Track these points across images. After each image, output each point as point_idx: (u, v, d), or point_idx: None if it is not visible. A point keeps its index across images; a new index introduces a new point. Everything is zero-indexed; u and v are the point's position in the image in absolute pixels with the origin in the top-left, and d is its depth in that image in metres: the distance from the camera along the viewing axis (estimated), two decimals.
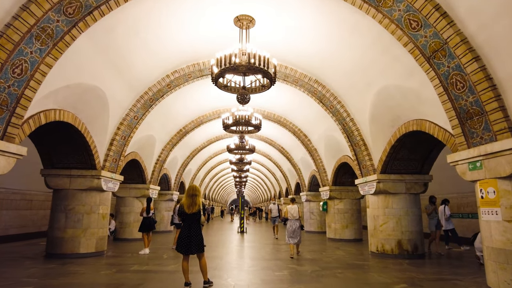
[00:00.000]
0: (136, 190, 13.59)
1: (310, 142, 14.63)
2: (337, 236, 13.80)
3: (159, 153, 14.18)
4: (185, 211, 5.56)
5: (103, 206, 9.31)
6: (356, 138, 10.02)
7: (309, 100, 11.41)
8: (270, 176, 30.05)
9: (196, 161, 21.34)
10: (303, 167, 18.29)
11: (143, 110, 10.17)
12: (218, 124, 15.99)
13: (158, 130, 12.83)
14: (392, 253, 9.06)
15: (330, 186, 14.04)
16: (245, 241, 13.59)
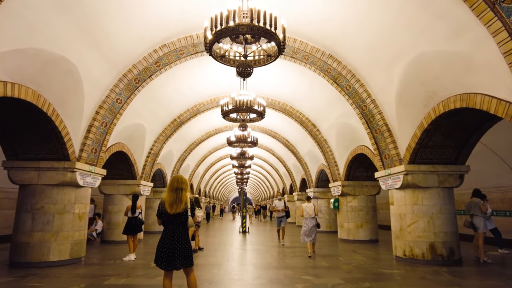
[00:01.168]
0: (125, 187, 12.15)
1: (319, 132, 13.14)
2: (351, 237, 12.34)
3: (151, 146, 12.72)
4: (167, 210, 4.09)
5: (79, 204, 7.87)
6: (378, 123, 8.52)
7: (320, 82, 9.93)
8: (273, 172, 28.58)
9: (194, 156, 19.90)
10: (310, 161, 16.81)
11: (128, 92, 8.70)
12: (217, 114, 14.53)
13: (148, 118, 11.36)
14: (423, 259, 7.59)
15: (342, 181, 12.57)
16: (247, 243, 12.15)
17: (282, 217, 11.78)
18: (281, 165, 23.06)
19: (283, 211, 11.62)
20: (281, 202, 11.94)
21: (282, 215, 11.75)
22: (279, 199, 12.07)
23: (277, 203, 11.91)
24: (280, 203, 11.85)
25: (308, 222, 8.99)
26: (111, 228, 11.95)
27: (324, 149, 13.41)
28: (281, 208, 11.68)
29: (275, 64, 10.16)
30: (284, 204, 11.89)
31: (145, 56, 8.28)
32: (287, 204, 12.07)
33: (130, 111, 9.79)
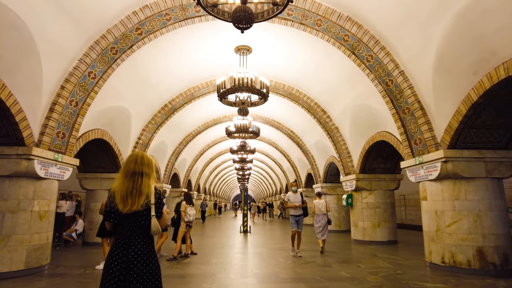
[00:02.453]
0: (109, 181, 10.63)
1: (329, 119, 11.58)
2: (366, 238, 10.80)
3: (139, 134, 11.20)
4: (117, 207, 2.56)
5: (41, 200, 6.36)
6: (407, 100, 6.96)
7: (334, 56, 8.42)
8: (275, 168, 27.05)
9: (191, 150, 18.40)
10: (318, 154, 15.27)
11: (103, 65, 7.17)
12: (214, 101, 13.01)
13: (134, 101, 9.83)
14: (469, 267, 6.05)
15: (357, 174, 11.02)
16: (249, 245, 10.63)
17: (299, 216, 8.32)
18: (284, 159, 21.53)
19: (300, 208, 8.31)
20: (297, 195, 8.46)
21: (299, 213, 8.31)
22: (294, 191, 8.61)
23: (292, 196, 8.44)
24: (296, 197, 8.41)
25: (320, 218, 9.00)
26: (94, 228, 10.40)
27: (335, 138, 11.85)
28: (297, 203, 8.29)
29: (280, 37, 8.65)
30: (301, 197, 8.42)
31: (122, 19, 6.76)
32: (305, 199, 8.68)
33: (109, 90, 8.28)
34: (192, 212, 7.88)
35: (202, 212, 23.52)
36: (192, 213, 7.86)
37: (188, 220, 7.81)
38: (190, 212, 7.82)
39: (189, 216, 7.81)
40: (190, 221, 7.85)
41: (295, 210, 8.32)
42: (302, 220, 8.36)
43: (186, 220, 7.81)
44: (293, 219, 8.36)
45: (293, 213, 8.38)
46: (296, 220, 8.32)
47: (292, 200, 8.37)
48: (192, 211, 7.88)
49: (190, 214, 7.81)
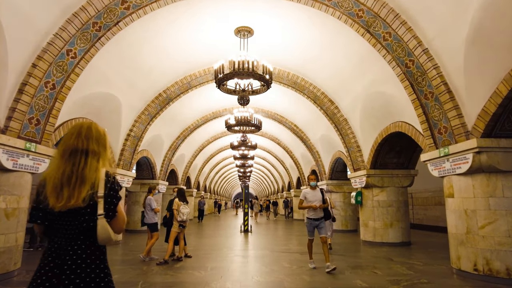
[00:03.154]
0: None
1: (338, 110, 10.68)
2: (378, 239, 9.91)
3: (130, 126, 10.32)
4: (48, 202, 1.67)
5: (8, 196, 5.50)
6: (431, 83, 6.04)
7: (344, 37, 7.58)
8: (278, 165, 26.17)
9: (190, 145, 17.53)
10: (323, 149, 14.37)
11: (84, 42, 6.29)
12: (213, 92, 12.17)
13: (124, 89, 8.96)
14: (509, 277, 5.16)
15: (368, 170, 10.11)
16: (249, 246, 9.76)
17: (319, 220, 6.22)
18: (287, 156, 20.64)
19: (321, 208, 6.22)
20: (317, 192, 6.36)
21: (319, 217, 6.21)
22: (313, 186, 6.41)
23: (310, 193, 6.31)
24: (314, 194, 6.30)
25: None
26: None
27: (344, 131, 10.95)
28: (317, 202, 6.19)
29: (284, 17, 7.74)
30: (322, 195, 6.34)
31: None
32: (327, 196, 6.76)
33: (95, 74, 7.43)
34: (186, 210, 7.01)
35: (199, 211, 21.99)
36: (186, 212, 6.99)
37: (182, 219, 6.94)
38: (184, 211, 6.95)
39: (183, 215, 6.94)
40: (183, 220, 6.98)
41: (314, 212, 6.21)
42: (323, 224, 6.24)
43: (179, 220, 6.94)
44: (310, 224, 6.27)
45: (311, 216, 6.23)
46: (315, 225, 6.24)
47: (310, 199, 6.22)
48: (185, 209, 7.01)
49: (183, 213, 6.94)
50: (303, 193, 6.41)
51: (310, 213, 6.30)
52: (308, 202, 6.25)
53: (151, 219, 7.33)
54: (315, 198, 6.29)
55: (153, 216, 7.35)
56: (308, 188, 6.49)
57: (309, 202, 6.24)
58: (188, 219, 7.12)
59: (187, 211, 6.98)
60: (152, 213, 7.35)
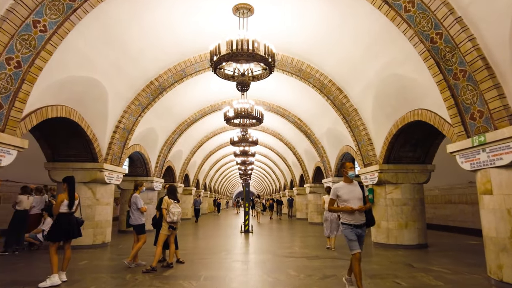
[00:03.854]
0: (83, 172, 8.89)
1: (347, 99, 9.74)
2: (391, 241, 8.98)
3: (119, 117, 9.41)
4: None
5: None
6: (465, 58, 5.09)
7: (356, 13, 6.65)
8: (280, 162, 25.26)
9: (187, 140, 16.63)
10: (330, 144, 13.44)
11: (56, 14, 5.36)
12: (211, 81, 11.31)
13: (110, 74, 8.03)
14: None
15: (380, 165, 9.18)
16: (250, 249, 8.86)
17: (361, 228, 4.35)
18: (289, 152, 19.71)
19: (361, 210, 4.30)
20: (355, 186, 4.46)
21: (361, 222, 4.32)
22: (350, 178, 4.48)
23: (346, 188, 4.41)
24: (352, 190, 4.40)
25: (330, 215, 8.49)
26: None
27: (353, 123, 10.01)
28: (356, 200, 4.32)
29: None
30: (362, 191, 4.48)
31: None
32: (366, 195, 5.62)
33: (74, 55, 6.54)
34: (177, 210, 6.10)
35: (195, 211, 20.38)
36: (177, 212, 6.08)
37: (172, 220, 6.03)
38: (174, 210, 6.05)
39: (173, 215, 6.03)
40: (174, 221, 6.07)
41: (352, 216, 4.25)
42: (364, 233, 4.39)
43: (168, 221, 6.04)
44: (351, 231, 4.23)
45: (351, 221, 4.25)
46: (359, 234, 4.27)
47: (345, 197, 4.30)
48: (176, 209, 6.10)
49: (173, 213, 6.03)
50: (334, 189, 4.41)
51: (348, 218, 4.27)
52: (343, 202, 4.29)
53: (137, 219, 6.42)
54: (353, 195, 4.28)
55: (139, 217, 6.44)
56: (341, 182, 4.49)
57: (345, 202, 4.27)
58: (180, 220, 6.20)
59: (178, 211, 6.07)
60: (138, 213, 6.44)
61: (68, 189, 5.38)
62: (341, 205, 4.36)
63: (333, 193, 4.44)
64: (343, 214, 4.35)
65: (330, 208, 4.50)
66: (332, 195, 4.45)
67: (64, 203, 5.25)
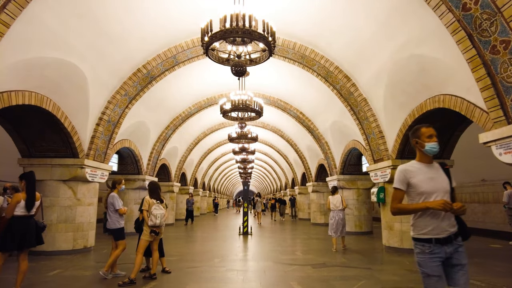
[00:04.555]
0: (62, 169, 7.99)
1: (355, 88, 8.79)
2: (406, 245, 8.04)
3: (103, 108, 8.49)
4: None
5: None
6: (510, 21, 4.17)
7: None
8: (281, 160, 24.34)
9: (183, 136, 15.72)
10: (335, 139, 12.51)
11: None
12: (207, 71, 10.43)
13: (90, 58, 7.11)
14: None
15: (394, 160, 8.25)
16: (249, 255, 7.94)
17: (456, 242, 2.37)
18: (291, 150, 18.78)
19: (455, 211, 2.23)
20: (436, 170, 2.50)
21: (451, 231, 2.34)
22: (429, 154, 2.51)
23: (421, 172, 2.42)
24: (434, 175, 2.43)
25: (335, 215, 8.39)
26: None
27: (362, 114, 9.08)
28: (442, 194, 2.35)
29: None
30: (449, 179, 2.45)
31: None
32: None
33: (42, 32, 5.62)
34: (159, 212, 5.18)
35: (187, 212, 17.97)
36: (159, 214, 5.16)
37: (153, 223, 5.11)
38: (156, 212, 5.13)
39: (155, 217, 5.12)
40: (156, 225, 5.15)
41: (435, 221, 2.32)
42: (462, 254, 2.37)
43: (150, 224, 5.12)
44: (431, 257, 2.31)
45: (431, 231, 2.33)
46: (447, 256, 2.33)
47: (423, 187, 2.37)
48: (159, 211, 5.18)
49: (155, 215, 5.12)
50: (402, 172, 2.47)
51: (425, 225, 2.36)
52: (419, 196, 2.39)
53: (115, 223, 5.50)
54: (436, 185, 2.40)
55: (117, 220, 5.52)
56: (413, 161, 2.56)
57: (421, 196, 2.38)
58: (164, 224, 5.28)
59: (160, 213, 5.15)
60: (116, 216, 5.52)
61: (26, 187, 4.47)
62: (414, 201, 2.41)
63: (400, 179, 2.44)
64: (416, 220, 2.40)
65: (395, 208, 2.43)
66: (399, 182, 2.44)
67: (20, 204, 4.34)
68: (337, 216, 8.25)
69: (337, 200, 8.43)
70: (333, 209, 8.40)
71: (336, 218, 8.24)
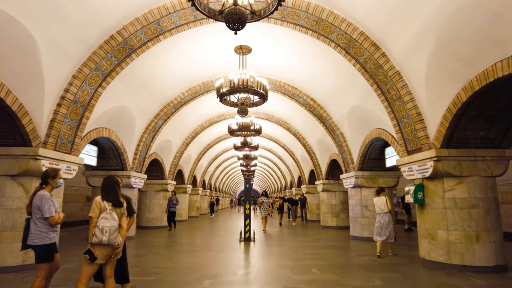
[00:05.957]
0: (9, 161, 6.21)
1: (386, 58, 6.94)
2: (456, 260, 6.19)
3: (65, 84, 6.67)
4: None
5: None
6: None
7: None
8: (287, 157, 22.51)
9: (177, 128, 13.95)
10: (352, 129, 10.65)
11: None
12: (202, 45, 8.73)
13: (33, 10, 5.30)
14: None
15: (438, 150, 6.38)
16: (249, 276, 6.11)
17: None
18: (298, 145, 16.95)
19: None
20: None
21: None
22: None
23: None
24: None
25: (381, 218, 7.72)
26: None
27: (393, 93, 7.21)
28: None
29: None
30: None
31: None
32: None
33: None
34: (108, 224, 3.34)
35: (169, 214, 14.01)
36: (108, 227, 3.32)
37: (99, 241, 3.29)
38: (104, 224, 3.31)
39: (100, 232, 3.30)
40: (102, 243, 3.32)
41: None
42: None
43: (94, 241, 3.31)
44: None
45: None
46: None
47: None
48: (108, 222, 3.34)
49: (102, 228, 3.29)
50: None
51: None
52: None
53: (42, 236, 3.66)
54: None
55: (45, 231, 3.68)
56: None
57: None
58: (116, 242, 3.41)
59: (110, 226, 3.31)
60: (45, 225, 3.68)
61: None
62: None
63: None
64: None
65: None
66: None
67: None
68: (383, 220, 7.65)
69: (382, 202, 7.75)
70: (378, 212, 7.78)
71: (381, 222, 7.66)
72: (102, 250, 3.34)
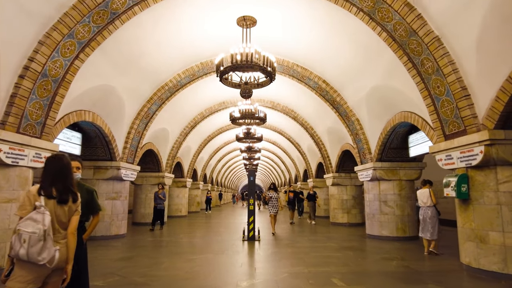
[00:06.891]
0: None
1: (421, 22, 5.65)
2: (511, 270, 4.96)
3: (30, 51, 5.44)
4: None
5: None
6: None
7: None
8: (292, 150, 21.20)
9: (174, 116, 12.74)
10: (370, 114, 9.39)
11: None
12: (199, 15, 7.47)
13: None
14: None
15: (490, 132, 5.11)
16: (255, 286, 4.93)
17: None
18: (305, 135, 15.66)
19: None
20: None
21: None
22: None
23: None
24: None
25: (423, 212, 7.10)
26: None
27: (428, 65, 5.94)
28: None
29: None
30: None
31: None
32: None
33: None
34: (28, 230, 2.10)
35: (156, 212, 11.86)
36: (28, 234, 2.09)
37: (15, 254, 2.07)
38: (24, 229, 2.08)
39: (18, 241, 2.07)
40: (19, 257, 2.10)
41: None
42: None
43: (11, 254, 2.10)
44: None
45: None
46: None
47: None
48: (30, 227, 2.11)
49: (21, 235, 2.07)
50: None
51: None
52: None
53: None
54: None
55: None
56: None
57: None
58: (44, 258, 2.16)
59: (29, 233, 2.08)
60: None
61: None
62: None
63: None
64: None
65: None
66: None
67: None
68: (425, 214, 7.05)
69: (425, 194, 7.14)
70: (421, 205, 7.18)
71: (424, 216, 7.07)
72: (24, 271, 2.11)
